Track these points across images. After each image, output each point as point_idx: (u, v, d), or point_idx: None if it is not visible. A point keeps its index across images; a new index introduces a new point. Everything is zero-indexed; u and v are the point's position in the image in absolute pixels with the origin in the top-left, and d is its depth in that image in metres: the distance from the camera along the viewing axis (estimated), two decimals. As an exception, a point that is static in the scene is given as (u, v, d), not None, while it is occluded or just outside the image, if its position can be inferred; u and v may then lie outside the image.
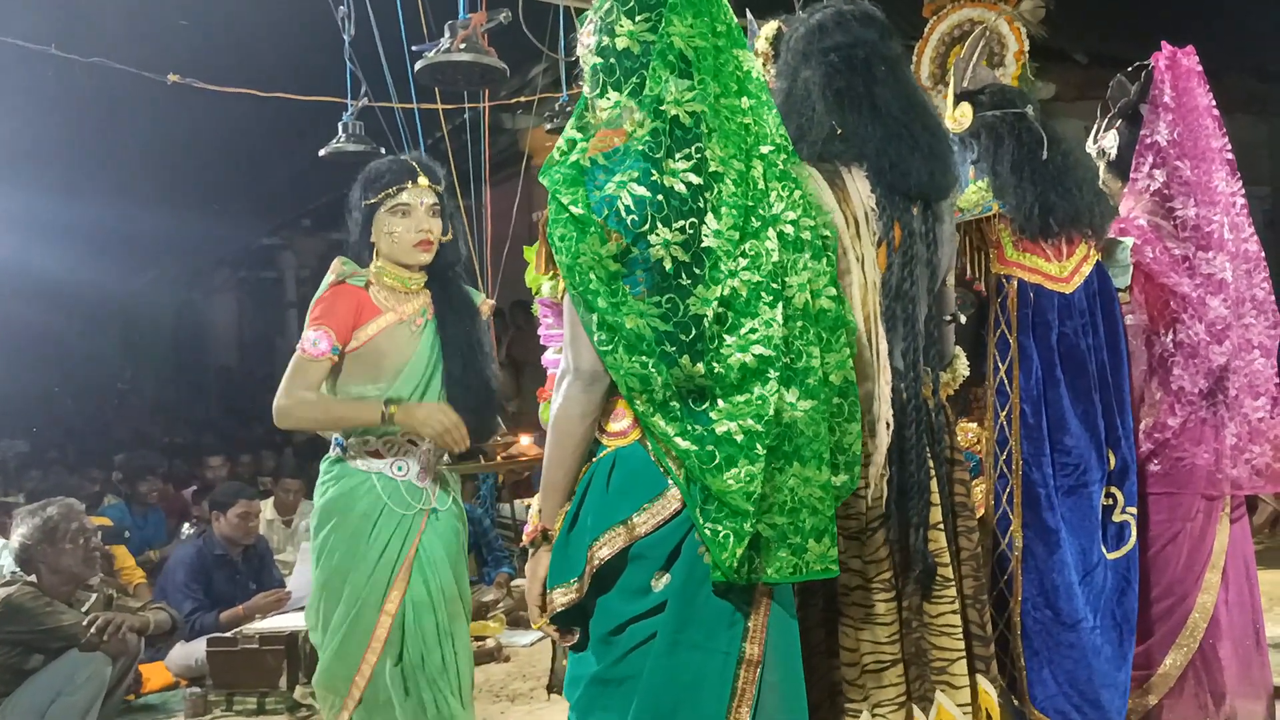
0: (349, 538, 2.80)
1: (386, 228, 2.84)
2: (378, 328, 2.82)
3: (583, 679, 1.86)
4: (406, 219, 2.83)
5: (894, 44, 2.15)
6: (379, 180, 2.85)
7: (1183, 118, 2.78)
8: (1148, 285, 2.76)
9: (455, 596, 2.88)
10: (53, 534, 3.72)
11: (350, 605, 2.78)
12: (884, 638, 2.06)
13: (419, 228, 2.83)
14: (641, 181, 1.73)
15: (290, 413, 2.76)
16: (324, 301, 2.81)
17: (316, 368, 2.75)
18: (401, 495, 2.82)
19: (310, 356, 2.75)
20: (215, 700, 4.56)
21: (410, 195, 2.83)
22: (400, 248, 2.85)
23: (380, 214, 2.84)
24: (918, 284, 2.09)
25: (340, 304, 2.80)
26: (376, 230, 2.85)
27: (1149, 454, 2.75)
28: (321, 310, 2.79)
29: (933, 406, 2.18)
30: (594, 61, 1.85)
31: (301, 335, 2.77)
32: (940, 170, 2.10)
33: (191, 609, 4.91)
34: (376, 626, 2.76)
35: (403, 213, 2.83)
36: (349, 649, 2.78)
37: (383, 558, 2.79)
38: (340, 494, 2.83)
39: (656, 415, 1.75)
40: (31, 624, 3.57)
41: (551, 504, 1.90)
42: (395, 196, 2.82)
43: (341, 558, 2.81)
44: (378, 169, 2.88)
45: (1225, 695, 2.73)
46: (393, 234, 2.83)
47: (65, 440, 11.28)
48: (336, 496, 2.84)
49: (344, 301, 2.80)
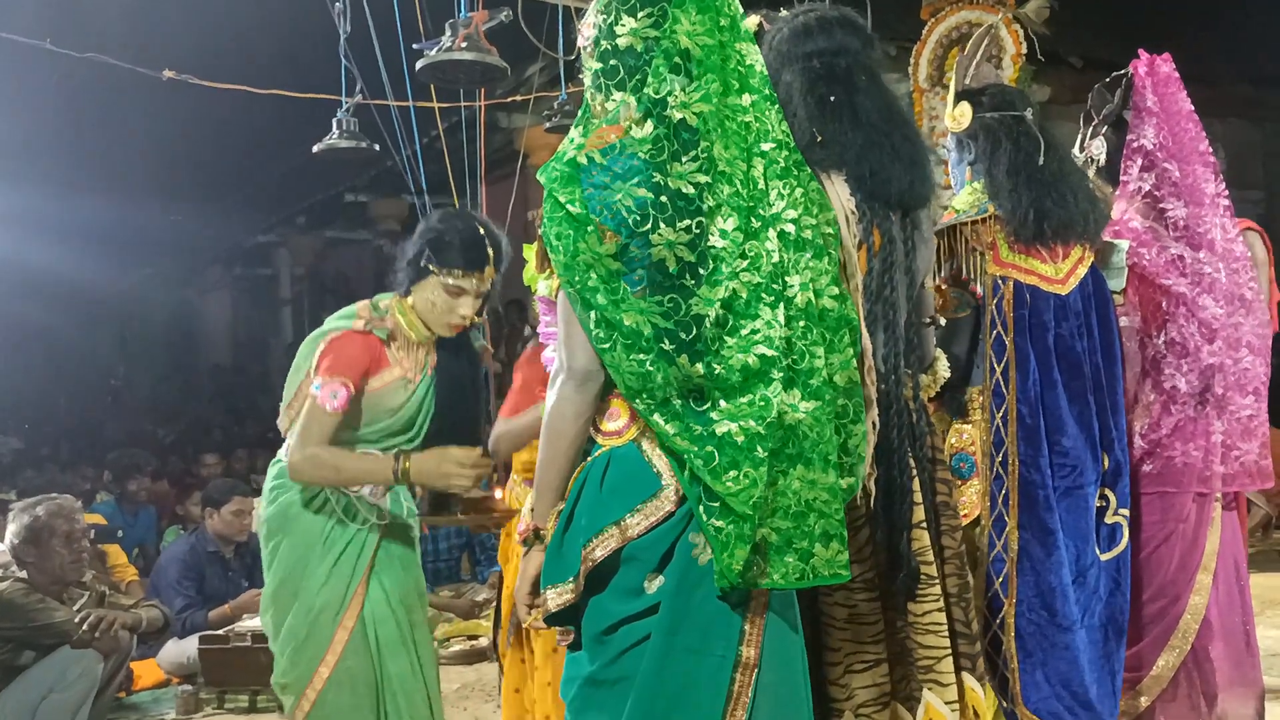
0: (300, 549, 2.74)
1: (432, 296, 2.71)
2: (383, 382, 2.74)
3: (577, 679, 1.86)
4: (455, 299, 2.71)
5: (876, 51, 2.17)
6: (449, 255, 2.69)
7: (1167, 121, 2.81)
8: (1142, 286, 2.78)
9: (415, 602, 2.85)
10: (45, 531, 3.71)
11: (301, 618, 2.72)
12: (867, 637, 2.06)
13: (462, 312, 2.72)
14: (643, 183, 1.72)
15: (305, 472, 2.67)
16: (344, 348, 2.70)
17: (331, 421, 2.65)
18: (355, 509, 2.76)
19: (328, 411, 2.63)
20: (207, 698, 4.55)
21: (471, 282, 2.71)
22: (434, 318, 2.74)
23: (433, 280, 2.70)
24: (897, 289, 2.10)
25: (360, 355, 2.69)
26: (421, 289, 2.73)
27: (1143, 455, 2.76)
28: (342, 361, 2.67)
29: (913, 408, 2.19)
30: (595, 61, 1.84)
31: (318, 382, 2.65)
32: (919, 179, 2.11)
33: (183, 606, 4.90)
34: (333, 640, 2.70)
35: (455, 292, 2.70)
36: (301, 659, 2.72)
37: (336, 570, 2.72)
38: (291, 503, 2.76)
39: (657, 414, 1.74)
40: (23, 620, 3.56)
41: (544, 503, 1.89)
42: (457, 278, 2.70)
43: (291, 569, 2.74)
44: (453, 240, 2.71)
45: (1217, 696, 2.74)
46: (435, 305, 2.72)
47: (58, 437, 11.27)
48: (287, 505, 2.77)
49: (364, 353, 2.70)
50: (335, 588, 2.71)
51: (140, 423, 12.66)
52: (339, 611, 2.71)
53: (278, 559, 2.77)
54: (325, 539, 2.73)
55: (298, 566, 2.73)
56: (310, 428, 2.64)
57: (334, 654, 2.69)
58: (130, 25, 5.89)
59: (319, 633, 2.70)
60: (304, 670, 2.71)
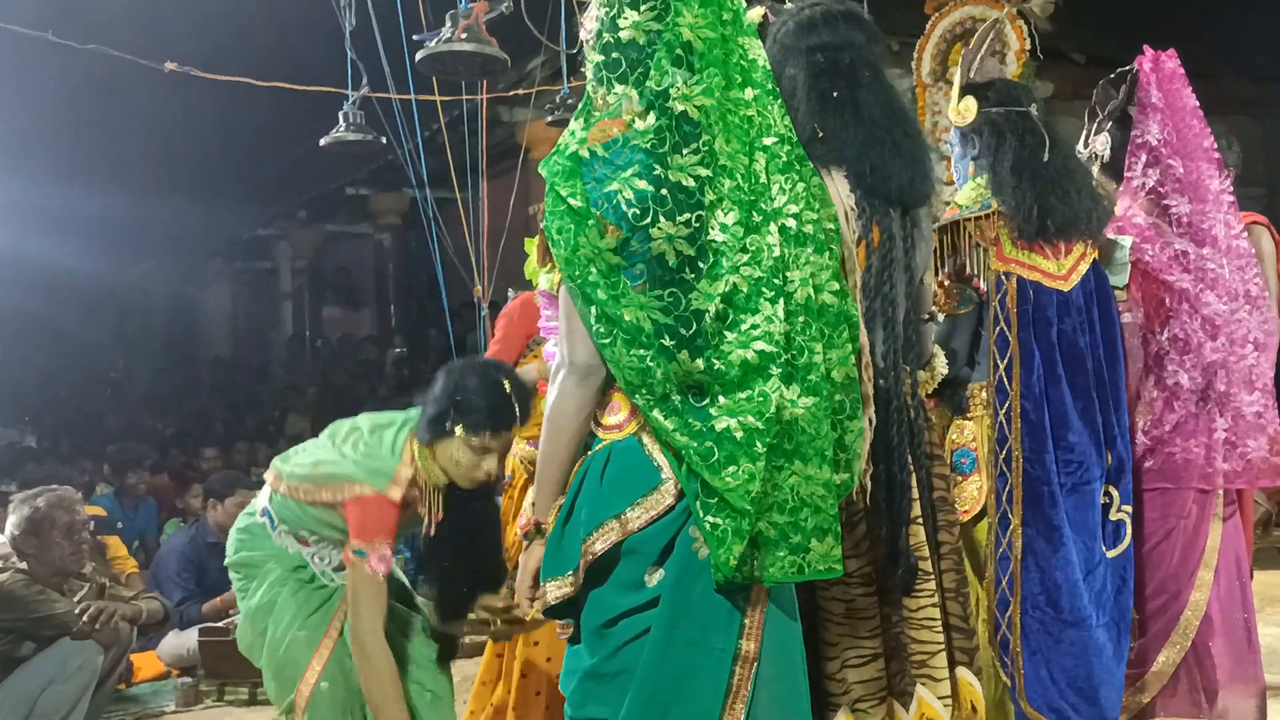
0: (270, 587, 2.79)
1: (457, 455, 2.65)
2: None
3: (577, 672, 1.86)
4: (478, 457, 2.65)
5: (880, 47, 2.16)
6: (476, 419, 2.61)
7: (1171, 117, 2.80)
8: (1145, 282, 2.77)
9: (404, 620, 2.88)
10: (45, 523, 3.71)
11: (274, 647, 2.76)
12: (864, 632, 2.06)
13: (486, 469, 2.67)
14: (643, 176, 1.71)
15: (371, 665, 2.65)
16: (379, 513, 2.65)
17: (383, 587, 2.65)
18: (326, 573, 2.82)
19: (381, 576, 2.62)
20: (207, 690, 4.56)
21: (498, 442, 2.66)
22: (457, 474, 2.69)
23: (457, 440, 2.63)
24: (896, 286, 2.10)
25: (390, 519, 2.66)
26: (445, 448, 2.66)
27: (1145, 451, 2.76)
28: (380, 524, 2.64)
29: (911, 405, 2.18)
30: (597, 54, 1.83)
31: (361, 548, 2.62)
32: (920, 177, 2.11)
33: (183, 598, 4.91)
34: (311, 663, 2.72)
35: (479, 451, 2.64)
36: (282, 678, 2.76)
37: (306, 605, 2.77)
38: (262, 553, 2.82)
39: (656, 409, 1.74)
40: (23, 612, 3.55)
41: (545, 497, 1.89)
42: (484, 440, 2.63)
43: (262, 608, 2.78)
44: (480, 404, 2.62)
45: (1218, 692, 2.74)
46: (459, 463, 2.66)
47: (58, 430, 11.25)
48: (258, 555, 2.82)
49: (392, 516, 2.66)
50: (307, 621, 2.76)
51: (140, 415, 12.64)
52: (313, 639, 2.74)
53: (247, 594, 2.83)
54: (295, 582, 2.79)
55: (265, 609, 2.78)
56: (373, 606, 2.63)
57: (313, 674, 2.72)
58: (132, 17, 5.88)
59: (293, 655, 2.74)
60: (287, 689, 2.74)
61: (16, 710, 3.48)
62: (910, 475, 2.12)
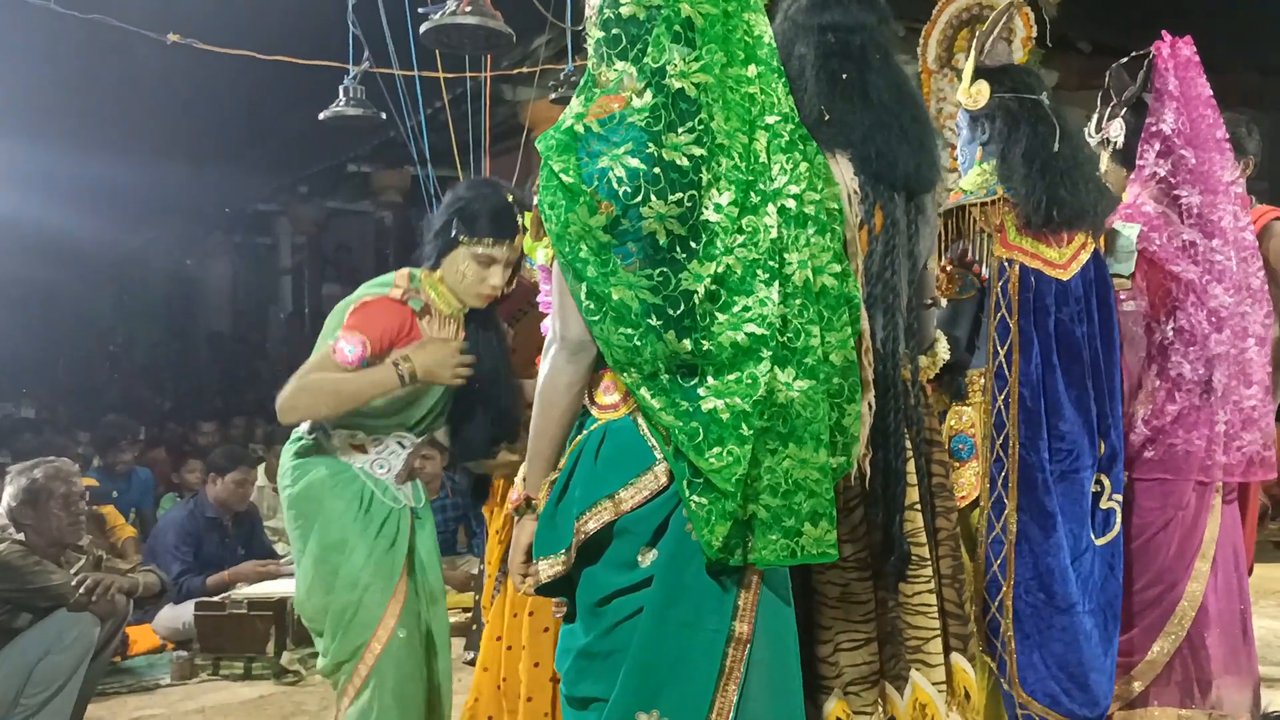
0: (335, 529, 2.64)
1: (463, 267, 2.66)
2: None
3: (572, 651, 1.86)
4: (485, 269, 2.66)
5: (890, 28, 2.14)
6: (479, 225, 2.64)
7: (1186, 106, 2.78)
8: (1151, 271, 2.76)
9: (440, 599, 2.81)
10: (43, 494, 3.71)
11: (346, 596, 2.62)
12: (858, 616, 2.06)
13: (493, 282, 2.67)
14: (636, 154, 1.69)
15: (298, 403, 2.57)
16: (372, 310, 2.62)
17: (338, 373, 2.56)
18: (389, 489, 2.70)
19: (339, 362, 2.54)
20: (202, 664, 4.57)
21: (501, 250, 2.66)
22: (464, 289, 2.69)
23: (462, 250, 2.65)
24: (898, 271, 2.09)
25: (388, 320, 2.61)
26: (451, 261, 2.67)
27: (1145, 441, 2.77)
28: (366, 318, 2.59)
29: (912, 391, 2.18)
30: (598, 30, 1.81)
31: (339, 336, 2.56)
32: (927, 164, 2.10)
33: (180, 572, 4.92)
34: (383, 616, 2.61)
35: (485, 262, 2.65)
36: (350, 640, 2.62)
37: (378, 545, 2.64)
38: (320, 480, 2.66)
39: (644, 388, 1.73)
40: (20, 582, 3.56)
41: (536, 473, 1.89)
42: (487, 246, 2.64)
43: (328, 550, 2.64)
44: (481, 209, 2.65)
45: (1212, 683, 2.75)
46: (465, 276, 2.66)
47: (56, 402, 11.26)
48: (316, 483, 2.66)
49: (392, 319, 2.61)
50: (380, 564, 2.63)
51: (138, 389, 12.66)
52: (387, 587, 2.64)
53: (312, 541, 2.66)
54: (363, 514, 2.65)
55: (336, 547, 2.63)
56: (310, 368, 2.56)
57: (385, 629, 2.62)
58: (135, -12, 5.84)
59: (367, 611, 2.62)
60: (354, 649, 2.62)
61: (12, 680, 3.48)
62: (908, 462, 2.12)
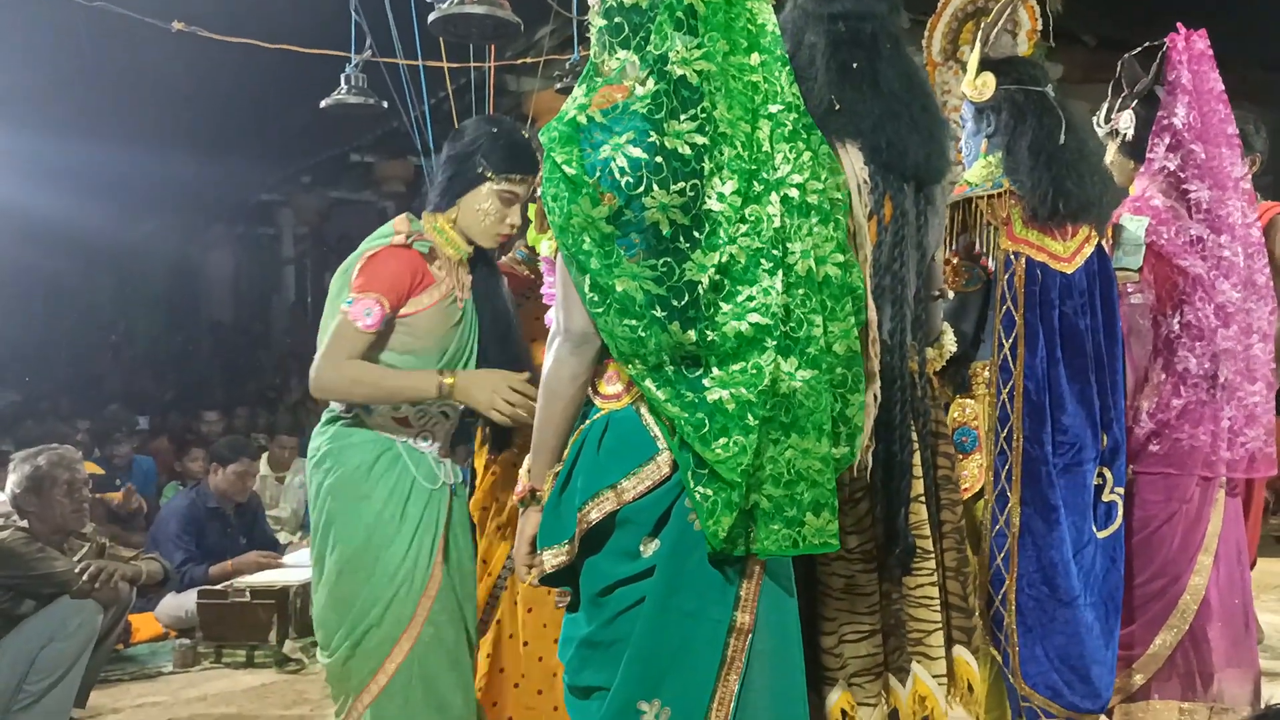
0: (373, 518, 2.51)
1: (485, 205, 2.56)
2: (431, 300, 2.54)
3: (574, 640, 1.87)
4: (507, 207, 2.56)
5: (900, 19, 2.13)
6: (505, 160, 2.55)
7: (1198, 100, 2.77)
8: (1158, 265, 2.76)
9: (471, 583, 2.70)
10: (46, 481, 3.72)
11: (381, 589, 2.50)
12: (863, 608, 2.07)
13: (511, 220, 2.58)
14: (638, 143, 1.68)
15: (333, 386, 2.46)
16: (381, 263, 2.49)
17: (363, 340, 2.44)
18: (430, 468, 2.57)
19: (360, 329, 2.43)
20: (204, 652, 4.59)
21: (524, 187, 2.57)
22: (481, 229, 2.58)
23: (484, 188, 2.55)
24: (907, 262, 2.08)
25: (398, 269, 2.49)
26: (472, 199, 2.57)
27: (1149, 435, 2.77)
28: (377, 274, 2.47)
29: (918, 383, 2.18)
30: (600, 19, 1.81)
31: (351, 298, 2.45)
32: (937, 154, 2.09)
33: (183, 560, 4.93)
34: (417, 610, 2.51)
35: (508, 200, 2.56)
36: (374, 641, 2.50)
37: (417, 537, 2.52)
38: (360, 464, 2.53)
39: (649, 379, 1.73)
40: (24, 569, 3.57)
41: (540, 464, 1.89)
42: (513, 183, 2.56)
43: (367, 539, 2.51)
44: (505, 144, 2.56)
45: (1213, 676, 2.75)
46: (484, 214, 2.56)
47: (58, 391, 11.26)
48: (356, 467, 2.53)
49: (404, 267, 2.50)
50: (418, 560, 2.53)
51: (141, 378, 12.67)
52: (422, 583, 2.53)
53: (350, 529, 2.52)
54: (403, 507, 2.53)
55: (375, 537, 2.51)
56: (338, 344, 2.44)
57: (417, 624, 2.51)
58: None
59: (400, 606, 2.51)
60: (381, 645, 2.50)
61: (16, 667, 3.50)
62: (913, 454, 2.12)
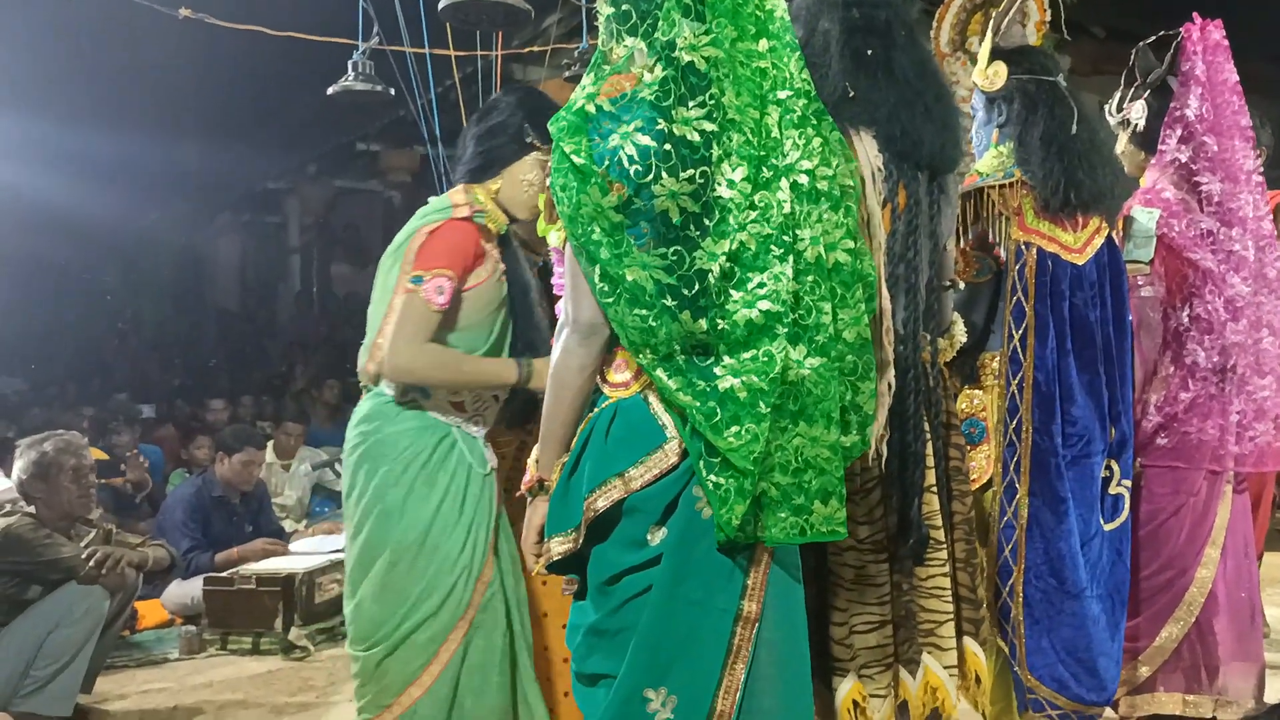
0: (437, 502, 2.43)
1: (530, 175, 2.48)
2: (486, 274, 2.47)
3: (581, 628, 1.87)
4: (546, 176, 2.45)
5: (914, 7, 2.12)
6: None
7: (1211, 92, 2.75)
8: (1169, 257, 2.75)
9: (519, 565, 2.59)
10: (53, 467, 3.73)
11: (444, 577, 2.43)
12: (873, 599, 2.06)
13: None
14: (646, 131, 1.67)
15: (414, 368, 2.38)
16: (448, 238, 2.40)
17: (436, 320, 2.36)
18: (482, 453, 2.50)
19: (435, 307, 2.35)
20: (210, 639, 4.60)
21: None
22: (522, 201, 2.51)
23: (531, 159, 2.48)
24: (920, 251, 2.08)
25: (465, 242, 2.41)
26: (517, 170, 2.49)
27: (1157, 427, 2.76)
28: (444, 250, 2.38)
29: (931, 372, 2.18)
30: (608, 6, 1.79)
31: (418, 275, 2.36)
32: (951, 143, 2.08)
33: (189, 547, 4.94)
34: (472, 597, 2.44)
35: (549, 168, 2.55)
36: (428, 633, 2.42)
37: (475, 523, 2.46)
38: (420, 451, 2.43)
39: (660, 368, 1.72)
40: (30, 555, 3.57)
41: (549, 454, 1.89)
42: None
43: (428, 527, 2.43)
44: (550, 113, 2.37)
45: (1219, 669, 2.76)
46: (531, 185, 2.48)
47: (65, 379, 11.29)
48: (416, 455, 2.43)
49: (468, 240, 2.42)
50: (476, 546, 2.46)
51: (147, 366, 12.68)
52: (478, 570, 2.47)
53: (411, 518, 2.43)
54: (464, 490, 2.46)
55: (435, 526, 2.43)
56: (414, 326, 2.35)
57: (473, 608, 2.46)
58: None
59: (456, 598, 2.45)
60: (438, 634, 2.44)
61: (22, 653, 3.51)
62: (926, 444, 2.12)
